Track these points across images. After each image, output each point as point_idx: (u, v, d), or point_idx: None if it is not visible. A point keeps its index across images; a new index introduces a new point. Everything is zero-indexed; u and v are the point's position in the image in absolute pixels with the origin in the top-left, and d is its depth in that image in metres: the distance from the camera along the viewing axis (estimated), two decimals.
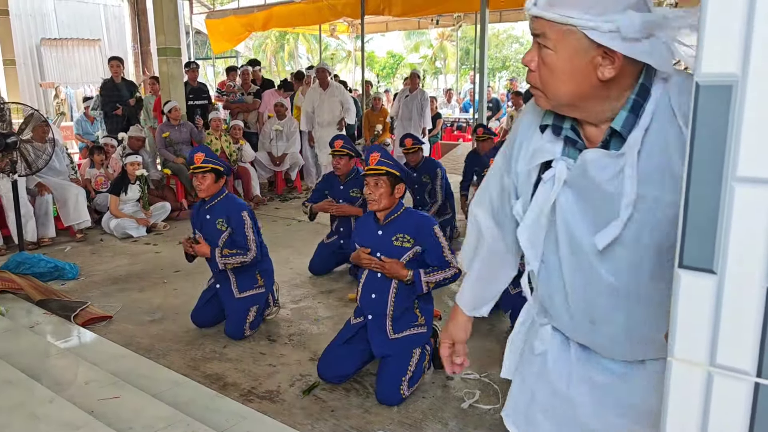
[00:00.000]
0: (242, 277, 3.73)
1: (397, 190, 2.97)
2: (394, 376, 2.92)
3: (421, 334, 3.05)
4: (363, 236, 3.10)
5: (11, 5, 12.11)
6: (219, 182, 3.67)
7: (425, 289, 2.90)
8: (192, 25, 15.69)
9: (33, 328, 3.73)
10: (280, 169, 8.42)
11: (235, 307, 3.68)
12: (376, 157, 2.94)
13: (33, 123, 5.36)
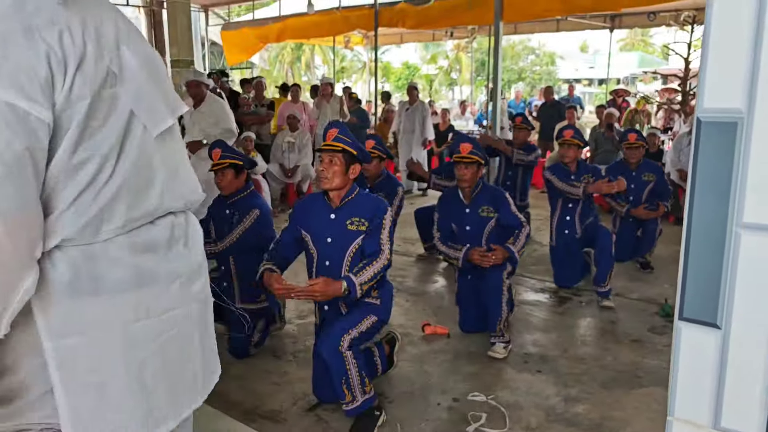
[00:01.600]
0: (246, 284, 3.58)
1: (351, 171, 2.83)
2: (336, 327, 2.77)
3: (375, 306, 2.90)
4: (313, 221, 2.93)
5: None
6: (240, 177, 3.58)
7: (360, 293, 2.72)
8: (207, 36, 15.81)
9: None
10: (292, 181, 8.41)
11: (235, 318, 3.59)
12: (334, 132, 2.80)
13: None
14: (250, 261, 3.36)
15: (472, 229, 3.80)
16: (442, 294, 4.88)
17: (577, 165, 4.73)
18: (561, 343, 3.85)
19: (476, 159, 3.72)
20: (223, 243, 3.52)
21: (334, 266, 2.84)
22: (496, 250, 3.60)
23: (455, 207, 3.87)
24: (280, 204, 8.42)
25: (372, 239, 2.81)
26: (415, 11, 10.92)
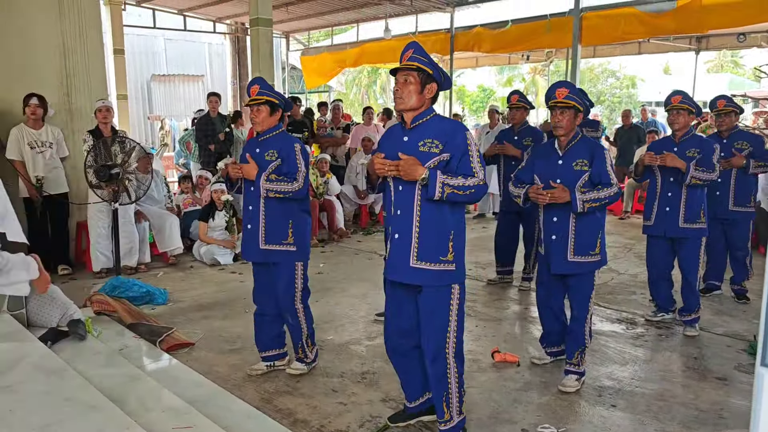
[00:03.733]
0: (272, 223, 3.48)
1: (427, 90, 2.69)
2: (436, 321, 2.69)
3: (451, 272, 2.71)
4: (387, 144, 2.82)
5: (127, 45, 13.12)
6: (274, 116, 3.53)
7: (438, 192, 2.55)
8: (288, 61, 16.38)
9: (122, 351, 3.90)
10: (365, 203, 8.52)
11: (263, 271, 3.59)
12: (409, 53, 2.67)
13: (137, 155, 5.72)
14: (280, 203, 3.43)
15: (563, 182, 3.40)
16: (513, 321, 4.78)
17: None
18: (638, 377, 3.69)
19: (573, 104, 3.39)
20: (297, 180, 3.41)
21: (407, 191, 2.68)
22: (556, 188, 3.34)
23: (547, 158, 3.54)
24: (353, 225, 8.54)
25: (459, 163, 2.64)
26: (492, 35, 10.92)
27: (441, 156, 2.64)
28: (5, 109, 5.83)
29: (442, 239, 2.67)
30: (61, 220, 6.09)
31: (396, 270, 2.75)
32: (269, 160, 3.46)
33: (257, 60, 8.38)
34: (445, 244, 2.68)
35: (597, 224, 3.47)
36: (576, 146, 3.46)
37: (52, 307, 4.00)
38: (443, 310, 2.73)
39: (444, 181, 2.56)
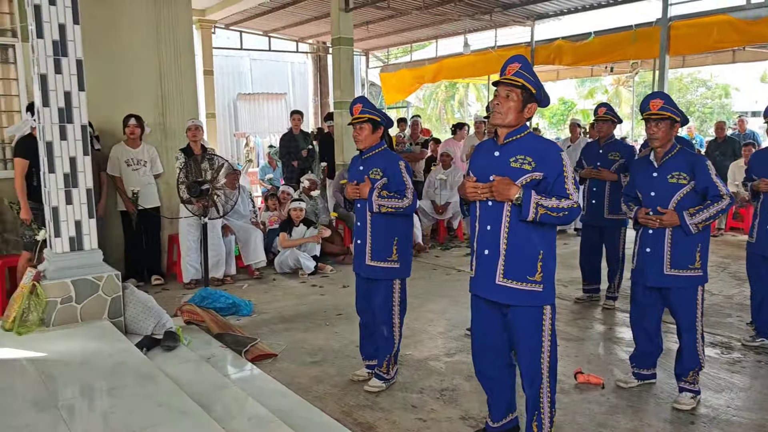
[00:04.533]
0: (378, 240, 3.55)
1: (528, 110, 2.64)
2: (529, 349, 2.67)
3: (539, 293, 2.65)
4: (479, 159, 2.79)
5: (215, 66, 13.80)
6: (376, 133, 3.59)
7: (532, 213, 2.51)
8: (367, 77, 16.66)
9: (209, 359, 4.07)
10: (443, 218, 8.51)
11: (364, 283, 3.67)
12: (515, 67, 2.64)
13: (225, 171, 5.98)
14: (386, 221, 3.49)
15: (657, 196, 3.38)
16: (597, 341, 4.63)
17: None
18: (735, 405, 3.47)
19: (668, 115, 3.32)
20: (406, 197, 3.45)
21: (496, 207, 2.64)
22: (665, 214, 3.29)
23: (644, 171, 3.50)
24: (430, 240, 8.54)
25: (553, 184, 2.59)
26: (574, 48, 10.71)
27: (533, 174, 2.60)
28: (109, 128, 6.25)
29: (531, 259, 2.63)
30: (154, 233, 6.44)
31: (482, 286, 2.74)
32: (374, 179, 3.53)
33: (339, 78, 8.59)
34: (533, 264, 2.63)
35: (695, 236, 3.33)
36: (673, 158, 3.38)
37: (147, 316, 4.24)
38: (535, 331, 2.68)
39: (538, 202, 2.53)
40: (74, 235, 4.22)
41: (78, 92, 4.15)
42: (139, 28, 6.45)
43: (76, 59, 4.12)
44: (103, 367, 3.52)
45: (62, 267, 4.16)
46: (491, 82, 3.38)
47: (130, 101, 6.34)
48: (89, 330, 4.05)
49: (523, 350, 2.72)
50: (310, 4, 11.47)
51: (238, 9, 11.93)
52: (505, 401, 2.93)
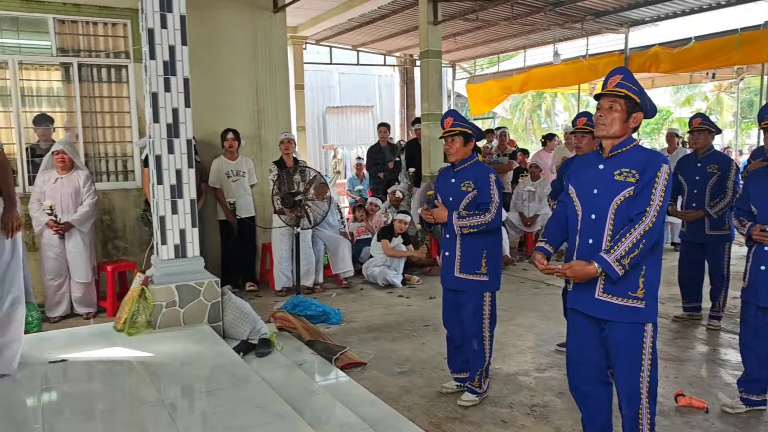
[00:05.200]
0: (467, 253, 3.54)
1: (633, 119, 2.57)
2: (632, 354, 2.56)
3: (640, 309, 2.55)
4: (582, 173, 2.72)
5: (306, 80, 14.27)
6: (468, 146, 3.59)
7: (619, 270, 2.46)
8: (453, 89, 16.66)
9: (301, 365, 4.19)
10: (531, 230, 8.36)
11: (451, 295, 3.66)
12: (617, 78, 2.58)
13: (315, 183, 6.17)
14: (476, 233, 3.47)
15: None
16: (700, 362, 4.39)
17: None
18: None
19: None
20: (489, 211, 3.46)
21: (599, 221, 2.59)
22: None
23: (761, 183, 3.38)
24: (518, 253, 8.40)
25: (640, 199, 2.50)
26: (671, 54, 10.27)
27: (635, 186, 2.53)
28: (210, 141, 6.60)
29: (632, 273, 2.54)
30: (250, 241, 6.72)
31: (581, 300, 2.68)
32: (465, 191, 3.55)
33: (426, 90, 8.65)
34: (635, 278, 2.55)
35: None
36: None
37: (244, 322, 4.43)
38: (636, 349, 2.59)
39: (616, 259, 2.47)
40: (178, 243, 4.49)
41: (185, 109, 4.43)
42: (238, 46, 6.79)
43: (184, 78, 4.41)
44: (203, 369, 3.72)
45: (167, 273, 4.43)
46: (593, 95, 3.39)
47: (229, 116, 6.68)
48: (191, 333, 4.28)
49: (621, 368, 2.62)
50: (398, 18, 11.64)
51: (329, 25, 12.28)
52: (601, 421, 2.83)
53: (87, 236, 5.48)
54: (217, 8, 6.63)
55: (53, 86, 6.17)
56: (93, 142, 6.23)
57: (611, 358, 2.67)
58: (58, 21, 5.95)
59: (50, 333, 4.74)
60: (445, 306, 3.79)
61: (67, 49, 6.05)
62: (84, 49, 6.13)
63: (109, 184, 6.28)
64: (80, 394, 3.37)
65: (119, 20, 6.19)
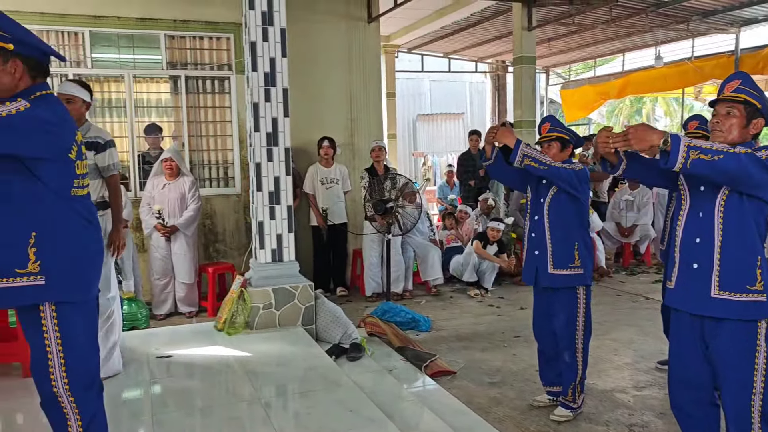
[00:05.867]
0: (559, 247, 3.44)
1: (753, 126, 2.43)
2: (737, 378, 2.36)
3: (760, 303, 2.34)
4: None
5: (397, 88, 14.43)
6: (565, 151, 3.51)
7: (681, 157, 2.20)
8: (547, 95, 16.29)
9: (391, 371, 4.22)
10: (629, 241, 8.02)
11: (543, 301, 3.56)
12: (734, 85, 2.46)
13: (406, 190, 6.22)
14: (565, 228, 3.40)
15: None
16: None
17: None
18: None
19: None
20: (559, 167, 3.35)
21: (707, 217, 2.43)
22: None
23: None
24: (614, 264, 8.08)
25: None
26: None
27: None
28: (306, 149, 6.81)
29: (749, 265, 2.36)
30: (341, 247, 6.86)
31: (691, 301, 2.47)
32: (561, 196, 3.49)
33: (519, 97, 8.52)
34: (752, 270, 2.36)
35: None
36: None
37: (336, 326, 4.53)
38: (746, 354, 2.37)
39: (689, 144, 2.22)
40: (275, 247, 4.66)
41: (283, 118, 4.61)
42: (334, 57, 6.98)
43: (283, 88, 4.58)
44: (297, 370, 3.83)
45: (265, 276, 4.60)
46: (708, 102, 3.24)
47: (323, 124, 6.87)
48: (286, 335, 4.43)
49: (730, 380, 2.41)
50: (491, 24, 11.53)
51: (421, 33, 12.35)
52: None
53: (191, 239, 5.80)
54: (315, 21, 6.84)
55: (161, 97, 6.60)
56: (197, 150, 6.60)
57: (717, 374, 2.48)
58: (168, 37, 6.36)
59: (156, 330, 5.05)
60: (536, 315, 3.71)
61: (176, 63, 6.45)
62: (190, 63, 6.51)
63: (211, 189, 6.61)
64: (183, 389, 3.57)
65: (223, 34, 6.53)
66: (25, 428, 3.11)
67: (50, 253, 2.12)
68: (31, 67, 2.16)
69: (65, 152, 2.16)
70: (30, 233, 2.09)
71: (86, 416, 2.21)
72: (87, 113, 3.76)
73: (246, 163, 6.53)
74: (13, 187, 2.08)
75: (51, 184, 2.13)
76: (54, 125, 2.12)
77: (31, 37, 2.18)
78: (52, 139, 2.11)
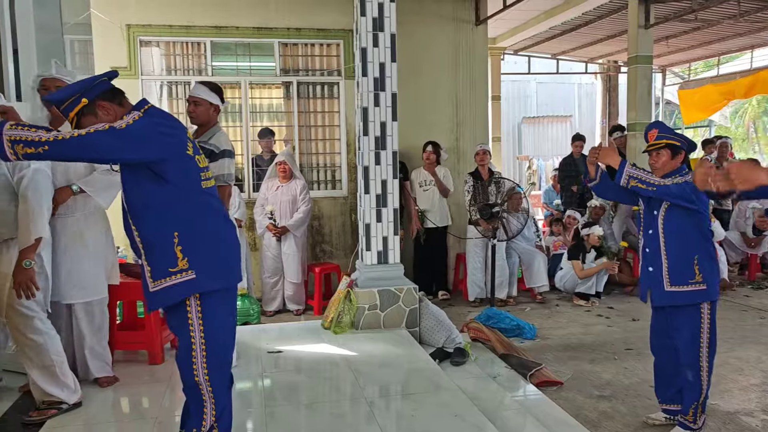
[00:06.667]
0: (676, 262, 3.22)
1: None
2: None
3: None
4: None
5: (502, 91, 14.22)
6: (676, 159, 3.26)
7: None
8: (663, 96, 15.44)
9: (495, 378, 4.16)
10: (755, 252, 7.43)
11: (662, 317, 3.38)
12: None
13: (511, 194, 6.11)
14: (683, 241, 3.19)
15: None
16: None
17: None
18: None
19: None
20: None
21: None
22: None
23: None
24: (738, 277, 7.52)
25: None
26: None
27: None
28: (412, 153, 6.84)
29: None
30: (443, 250, 6.84)
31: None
32: None
33: (633, 98, 8.13)
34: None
35: None
36: None
37: (440, 329, 4.52)
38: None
39: None
40: (381, 249, 4.73)
41: (392, 122, 4.67)
42: (440, 60, 6.99)
43: (392, 93, 4.65)
44: (401, 371, 3.87)
45: (370, 278, 4.68)
46: None
47: (429, 128, 6.90)
48: (390, 336, 4.48)
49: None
50: (603, 23, 11.09)
51: (529, 34, 12.09)
52: None
53: (300, 240, 6.01)
54: (422, 24, 6.89)
55: (273, 103, 6.89)
56: (307, 153, 6.83)
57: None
58: (282, 44, 6.63)
59: (266, 326, 5.28)
60: (653, 330, 3.50)
61: (288, 69, 6.71)
62: (302, 69, 6.75)
63: (320, 192, 6.82)
64: (291, 384, 3.71)
65: (333, 41, 6.72)
66: (150, 411, 3.34)
67: (194, 247, 2.25)
68: (113, 97, 2.31)
69: (183, 149, 2.29)
70: (173, 233, 2.23)
71: (220, 406, 2.34)
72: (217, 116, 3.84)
73: (352, 166, 6.69)
74: (148, 195, 2.24)
75: (180, 183, 2.26)
76: (167, 126, 2.26)
77: (86, 80, 2.34)
78: (168, 139, 2.25)
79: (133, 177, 2.23)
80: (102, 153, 2.14)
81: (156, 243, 2.25)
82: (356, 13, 4.70)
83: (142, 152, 2.18)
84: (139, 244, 2.28)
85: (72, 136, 2.07)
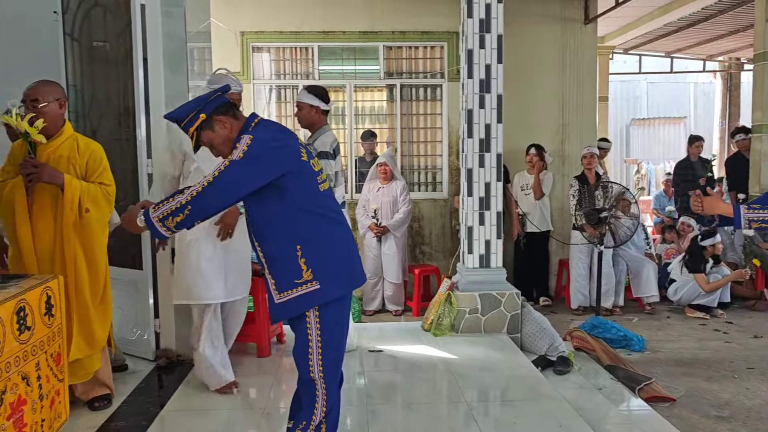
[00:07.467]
0: None
1: None
2: None
3: None
4: None
5: (610, 92, 13.64)
6: None
7: None
8: None
9: (601, 389, 4.00)
10: None
11: None
12: None
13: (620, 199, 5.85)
14: None
15: None
16: None
17: None
18: None
19: None
20: None
21: None
22: None
23: None
24: None
25: None
26: None
27: None
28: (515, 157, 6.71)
29: None
30: (544, 255, 6.66)
31: None
32: None
33: (760, 97, 7.51)
34: None
35: None
36: None
37: (542, 337, 4.41)
38: None
39: None
40: (483, 253, 4.68)
41: (497, 124, 4.61)
42: (547, 60, 6.82)
43: (498, 94, 4.59)
44: (501, 377, 3.81)
45: (472, 281, 4.65)
46: None
47: (533, 130, 6.74)
48: (490, 341, 4.42)
49: None
50: (725, 18, 10.38)
51: (640, 32, 11.52)
52: None
53: (400, 241, 6.06)
54: (529, 24, 6.74)
55: (375, 105, 6.99)
56: (408, 155, 6.88)
57: None
58: (386, 48, 6.72)
59: (366, 324, 5.36)
60: None
61: (392, 72, 6.79)
62: (405, 71, 6.81)
63: (420, 194, 6.85)
64: (390, 383, 3.75)
65: (437, 43, 6.73)
66: (258, 402, 3.49)
67: (317, 257, 2.27)
68: (227, 111, 2.36)
69: (298, 156, 2.30)
70: (296, 247, 2.26)
71: (330, 402, 2.39)
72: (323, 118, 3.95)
73: (454, 169, 6.66)
74: (271, 211, 2.28)
75: (301, 191, 2.28)
76: (277, 140, 2.28)
77: (202, 96, 2.40)
78: (283, 152, 2.26)
79: (257, 197, 2.25)
80: (236, 189, 2.18)
81: (280, 258, 2.28)
82: (463, 14, 4.68)
83: (268, 174, 2.20)
84: (263, 259, 2.32)
85: (203, 185, 2.14)
